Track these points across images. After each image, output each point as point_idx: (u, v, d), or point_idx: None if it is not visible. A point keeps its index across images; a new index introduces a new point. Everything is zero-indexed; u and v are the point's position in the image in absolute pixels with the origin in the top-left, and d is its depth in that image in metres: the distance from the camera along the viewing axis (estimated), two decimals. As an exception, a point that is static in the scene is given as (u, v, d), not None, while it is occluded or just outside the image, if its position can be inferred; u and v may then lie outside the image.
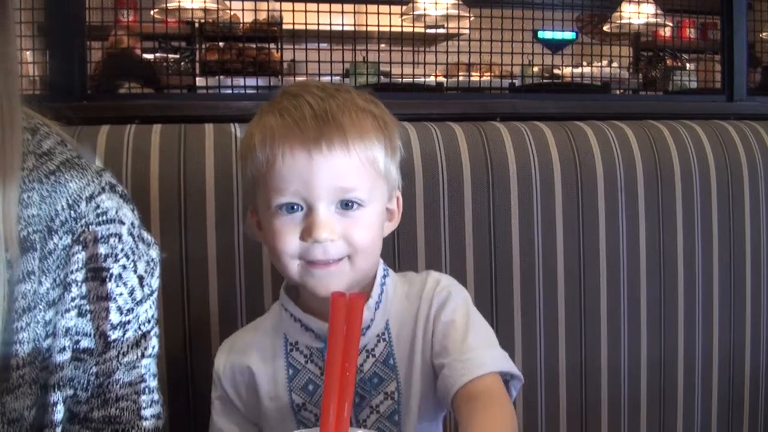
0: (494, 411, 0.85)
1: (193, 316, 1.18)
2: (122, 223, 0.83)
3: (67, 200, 0.80)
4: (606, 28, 3.85)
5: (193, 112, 1.35)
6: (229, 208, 1.18)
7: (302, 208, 0.90)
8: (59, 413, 0.80)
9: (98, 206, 0.81)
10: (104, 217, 0.81)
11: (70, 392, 0.82)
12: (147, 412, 0.86)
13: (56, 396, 0.79)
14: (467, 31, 3.54)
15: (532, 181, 1.29)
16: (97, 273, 0.81)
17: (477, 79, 2.61)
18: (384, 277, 0.99)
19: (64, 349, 0.79)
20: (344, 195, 0.90)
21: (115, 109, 1.37)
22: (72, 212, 0.80)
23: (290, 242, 0.90)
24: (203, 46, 3.45)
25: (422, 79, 2.64)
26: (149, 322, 0.86)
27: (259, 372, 0.98)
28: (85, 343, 0.81)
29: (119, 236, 0.82)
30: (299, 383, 0.97)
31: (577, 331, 1.32)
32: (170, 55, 3.46)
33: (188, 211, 1.17)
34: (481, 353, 0.91)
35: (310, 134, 0.88)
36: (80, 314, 0.81)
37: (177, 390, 1.16)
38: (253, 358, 0.99)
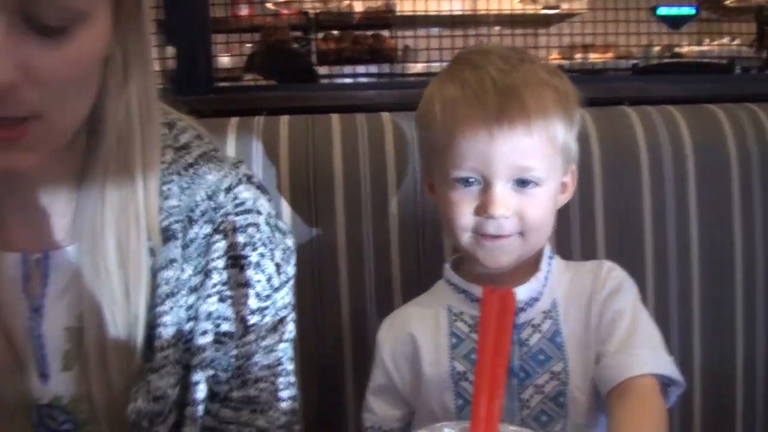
0: (646, 410, 0.84)
1: (324, 302, 1.20)
2: (259, 213, 0.85)
3: (206, 191, 0.83)
4: (728, 2, 3.64)
5: (318, 103, 1.38)
6: (358, 199, 1.20)
7: (479, 182, 0.91)
8: (201, 392, 0.84)
9: (236, 197, 0.84)
10: (242, 208, 0.84)
11: (211, 373, 0.85)
12: (284, 394, 0.89)
13: (198, 376, 0.83)
14: (584, 11, 3.44)
15: (663, 169, 1.24)
16: (236, 261, 0.84)
17: (597, 60, 2.54)
18: (550, 257, 0.99)
19: (205, 332, 0.83)
20: (522, 174, 0.90)
21: (241, 101, 1.41)
22: (211, 203, 0.83)
23: (464, 215, 0.92)
24: (319, 35, 3.49)
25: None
26: (286, 308, 0.89)
27: (420, 338, 0.99)
28: (225, 326, 0.84)
29: (257, 226, 0.84)
30: (462, 351, 0.97)
31: (710, 330, 1.26)
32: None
33: (318, 202, 1.19)
34: (644, 353, 0.89)
35: (492, 111, 0.88)
36: (221, 300, 0.84)
37: (307, 373, 1.18)
38: (415, 326, 1.00)
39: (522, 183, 0.90)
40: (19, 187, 0.79)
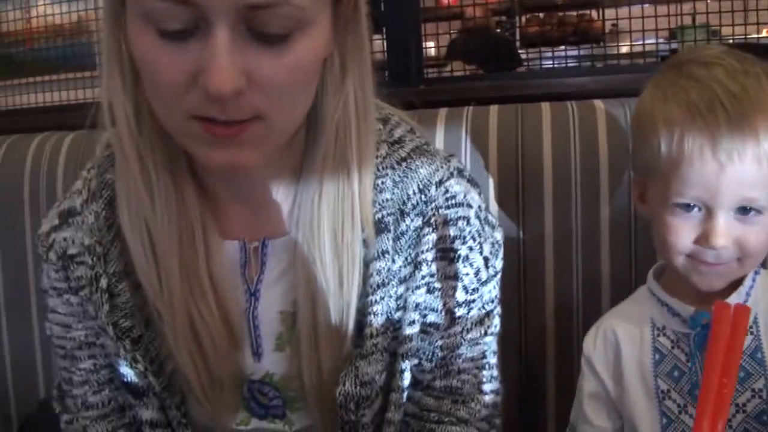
0: None
1: (528, 298, 1.18)
2: (470, 206, 0.85)
3: (418, 185, 0.83)
4: None
5: (526, 91, 1.35)
6: (567, 190, 1.16)
7: (700, 209, 0.88)
8: (406, 379, 0.85)
9: (447, 191, 0.84)
10: (453, 201, 0.84)
11: (416, 361, 0.86)
12: (486, 387, 0.89)
13: (404, 364, 0.84)
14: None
15: None
16: (445, 253, 0.84)
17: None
18: (756, 272, 0.94)
19: (413, 322, 0.84)
20: (746, 203, 0.87)
21: (450, 92, 1.41)
22: (422, 196, 0.83)
23: (683, 242, 0.89)
24: (523, 18, 3.41)
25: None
26: (492, 301, 0.88)
27: (626, 353, 0.98)
28: (432, 317, 0.85)
29: (467, 219, 0.84)
30: (665, 369, 0.95)
31: None
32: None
33: (525, 192, 1.17)
34: None
35: (723, 142, 0.84)
36: (429, 291, 0.84)
37: (509, 368, 1.17)
38: (621, 339, 0.99)
39: (744, 211, 0.87)
40: (240, 180, 0.84)
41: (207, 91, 0.64)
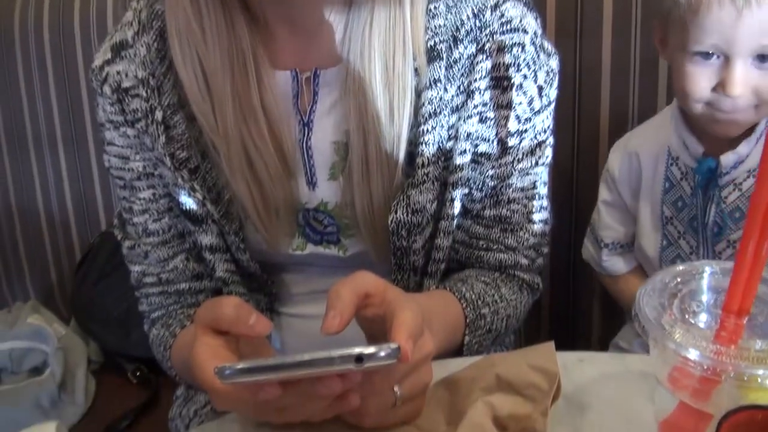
0: None
1: (582, 128, 1.16)
2: (525, 32, 0.82)
3: (473, 9, 0.80)
4: None
5: None
6: (628, 15, 1.12)
7: (718, 57, 0.90)
8: (456, 208, 0.86)
9: (503, 15, 0.81)
10: (508, 26, 0.81)
11: (466, 191, 0.87)
12: (535, 217, 0.89)
13: (454, 193, 0.85)
14: None
15: None
16: (499, 82, 0.82)
17: None
18: None
19: (464, 151, 0.84)
20: (764, 50, 0.89)
21: None
22: (477, 21, 0.81)
23: (701, 90, 0.92)
24: None
25: None
26: (545, 132, 0.87)
27: (645, 178, 1.04)
28: (483, 147, 0.85)
29: (522, 46, 0.82)
30: (671, 197, 1.02)
31: None
32: None
33: (584, 18, 1.13)
34: None
35: None
36: (481, 120, 0.83)
37: (560, 198, 1.17)
38: (643, 165, 1.04)
39: (762, 59, 0.89)
40: (291, 8, 0.82)
41: None
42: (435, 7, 0.80)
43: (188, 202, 0.86)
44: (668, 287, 0.54)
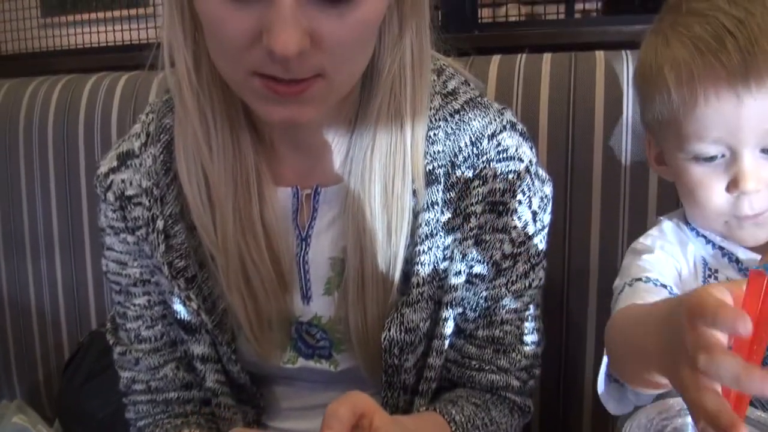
0: None
1: (573, 250, 1.18)
2: (521, 160, 0.85)
3: (471, 137, 0.83)
4: None
5: (581, 39, 1.32)
6: (618, 140, 1.15)
7: (723, 155, 0.80)
8: (449, 327, 0.87)
9: (499, 144, 0.84)
10: (504, 155, 0.84)
11: (460, 310, 0.88)
12: (528, 338, 0.90)
13: (448, 312, 0.86)
14: None
15: None
16: (494, 206, 0.85)
17: None
18: None
19: (459, 272, 0.85)
20: None
21: (505, 38, 1.39)
22: (474, 149, 0.83)
23: (716, 195, 0.82)
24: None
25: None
26: (539, 255, 0.88)
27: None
28: (478, 269, 0.86)
29: (518, 173, 0.84)
30: None
31: None
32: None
33: (576, 140, 1.16)
34: None
35: (737, 72, 0.76)
36: (476, 243, 0.85)
37: (551, 321, 1.18)
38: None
39: None
40: (296, 131, 0.85)
41: (271, 51, 0.65)
42: (434, 134, 0.83)
43: (183, 311, 0.87)
44: (653, 424, 0.53)
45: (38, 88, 1.56)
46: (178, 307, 0.87)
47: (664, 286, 0.83)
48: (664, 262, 0.87)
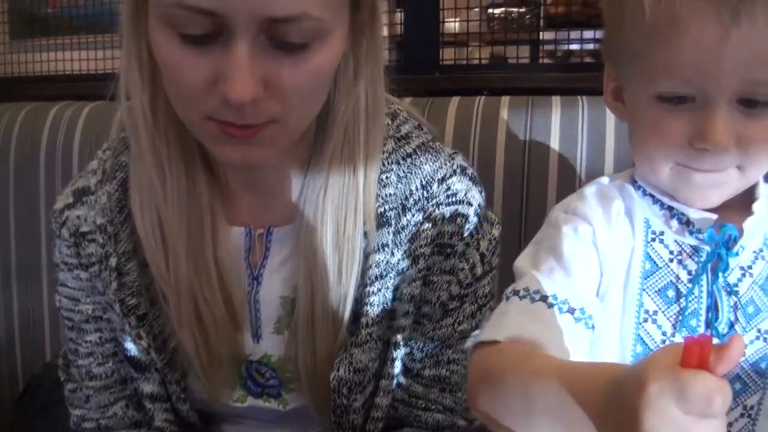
0: None
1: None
2: (470, 204, 0.87)
3: (421, 181, 0.85)
4: None
5: (539, 84, 1.35)
6: (572, 183, 1.17)
7: (693, 100, 0.69)
8: (397, 367, 0.88)
9: (449, 188, 0.86)
10: (453, 198, 0.86)
11: (408, 350, 0.89)
12: None
13: (396, 353, 0.87)
14: None
15: None
16: (442, 249, 0.86)
17: None
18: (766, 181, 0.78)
19: (407, 313, 0.86)
20: (752, 90, 0.67)
21: (465, 80, 1.41)
22: (425, 192, 0.85)
23: (672, 143, 0.70)
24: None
25: None
26: (486, 296, 0.90)
27: (612, 257, 0.77)
28: (425, 309, 0.88)
29: (466, 217, 0.86)
30: (656, 284, 0.76)
31: None
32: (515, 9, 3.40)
33: (531, 182, 1.18)
34: None
35: (727, 1, 0.65)
36: (425, 284, 0.87)
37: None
38: (599, 233, 0.77)
39: (749, 104, 0.68)
40: (250, 171, 0.86)
41: (226, 98, 0.67)
42: (386, 177, 0.85)
43: (133, 348, 0.87)
44: None
45: (1, 115, 1.56)
46: (129, 344, 0.88)
47: (572, 312, 0.71)
48: (579, 260, 0.75)
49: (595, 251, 0.76)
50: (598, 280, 0.76)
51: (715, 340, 0.72)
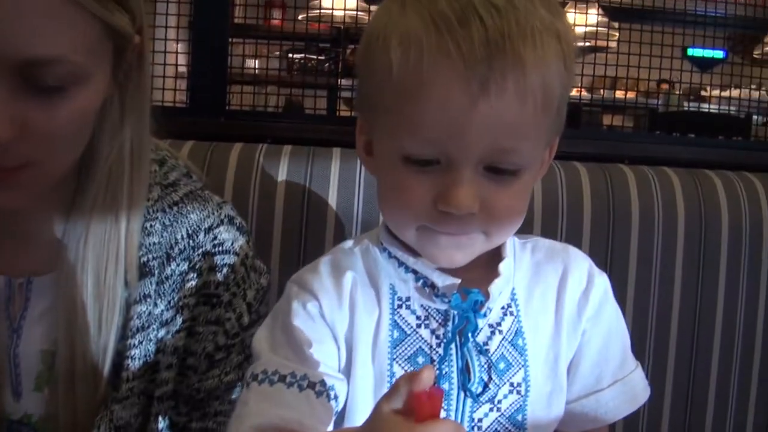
0: None
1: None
2: (237, 254, 0.88)
3: (187, 230, 0.85)
4: (756, 53, 3.54)
5: (325, 136, 1.38)
6: (349, 232, 1.20)
7: (439, 162, 0.68)
8: (161, 423, 0.87)
9: (215, 237, 0.87)
10: (220, 248, 0.87)
11: (172, 404, 0.88)
12: None
13: (160, 407, 0.86)
14: (614, 45, 3.41)
15: (654, 229, 1.25)
16: (208, 299, 0.87)
17: (620, 97, 2.52)
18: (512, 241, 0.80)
19: (171, 365, 0.86)
20: (499, 157, 0.67)
21: (251, 127, 1.43)
22: (191, 241, 0.85)
23: (417, 205, 0.69)
24: (347, 48, 3.45)
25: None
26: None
27: (360, 325, 0.76)
28: (191, 361, 0.87)
29: (232, 266, 0.87)
30: (406, 351, 0.76)
31: (685, 391, 1.26)
32: (315, 57, 3.48)
33: (309, 231, 1.20)
34: (634, 380, 0.82)
35: (477, 68, 0.63)
36: (189, 335, 0.86)
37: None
38: (358, 305, 0.77)
39: (494, 171, 0.68)
40: (6, 216, 0.82)
41: None
42: (151, 226, 0.84)
43: None
44: None
45: None
46: None
47: (312, 387, 0.71)
48: (311, 337, 0.74)
49: (326, 326, 0.76)
50: (337, 354, 0.76)
51: (469, 400, 0.76)
